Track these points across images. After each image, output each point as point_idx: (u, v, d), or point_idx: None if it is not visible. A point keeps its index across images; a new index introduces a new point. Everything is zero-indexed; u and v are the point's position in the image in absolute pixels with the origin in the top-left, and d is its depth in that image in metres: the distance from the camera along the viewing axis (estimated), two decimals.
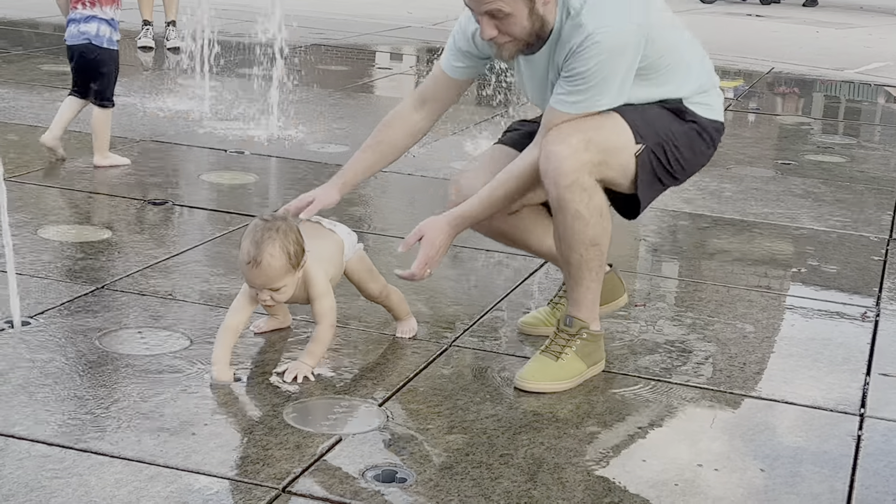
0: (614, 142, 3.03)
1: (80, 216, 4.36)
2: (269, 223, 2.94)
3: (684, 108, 3.15)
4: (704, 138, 3.19)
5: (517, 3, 2.91)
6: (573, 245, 3.03)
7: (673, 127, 3.13)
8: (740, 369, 3.31)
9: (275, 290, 2.95)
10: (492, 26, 2.96)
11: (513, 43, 3.00)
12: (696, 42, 3.24)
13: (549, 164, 2.96)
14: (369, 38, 10.10)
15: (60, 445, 2.58)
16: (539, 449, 2.74)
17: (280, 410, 2.83)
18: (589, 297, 3.11)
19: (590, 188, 2.97)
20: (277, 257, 2.90)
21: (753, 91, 8.79)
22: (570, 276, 3.11)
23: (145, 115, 6.21)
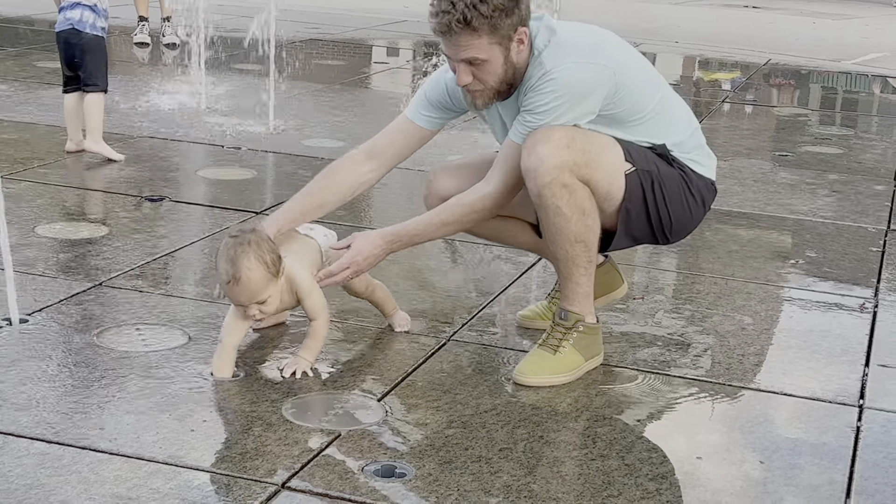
0: (602, 149, 3.02)
1: (77, 213, 4.36)
2: (239, 238, 2.92)
3: (671, 156, 3.14)
4: (692, 191, 3.15)
5: (493, 49, 2.95)
6: (557, 241, 3.03)
7: (661, 165, 3.12)
8: (739, 361, 3.31)
9: (261, 303, 2.94)
10: (468, 73, 2.99)
11: (486, 91, 3.03)
12: (682, 104, 3.24)
13: (530, 161, 2.96)
14: (365, 33, 10.09)
15: (59, 443, 2.57)
16: (538, 443, 2.74)
17: (279, 406, 2.83)
18: (580, 291, 3.11)
19: (570, 185, 2.96)
20: (255, 269, 2.88)
21: (750, 83, 8.79)
22: (559, 271, 3.12)
23: (141, 112, 6.20)
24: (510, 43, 2.97)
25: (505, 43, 2.96)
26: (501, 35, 2.95)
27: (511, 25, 2.95)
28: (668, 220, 3.15)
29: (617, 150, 3.05)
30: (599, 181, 3.01)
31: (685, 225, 3.21)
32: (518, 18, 2.96)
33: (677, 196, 3.13)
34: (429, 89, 3.25)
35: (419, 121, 3.28)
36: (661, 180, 3.10)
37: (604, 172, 3.01)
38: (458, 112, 3.26)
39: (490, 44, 2.95)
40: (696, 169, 3.18)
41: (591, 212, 3.02)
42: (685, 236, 3.29)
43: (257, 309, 2.96)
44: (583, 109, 2.98)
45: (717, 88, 8.58)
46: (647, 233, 3.18)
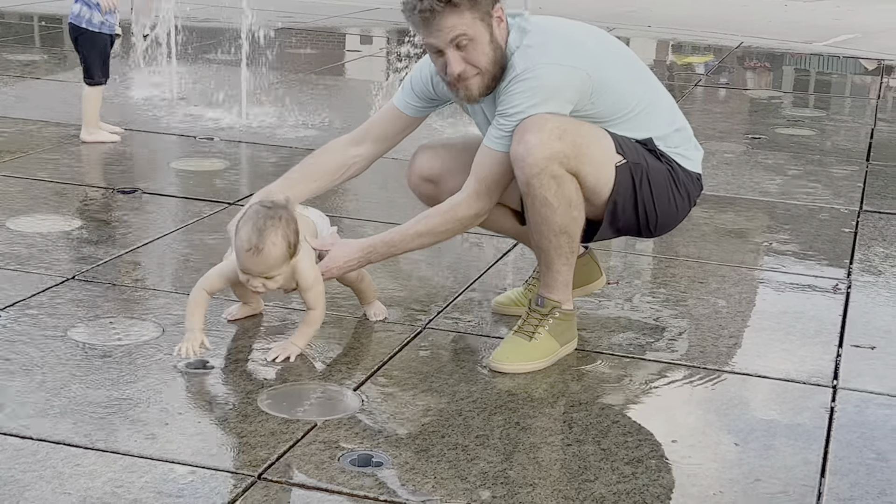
0: (593, 141, 3.01)
1: (50, 207, 4.33)
2: (272, 210, 2.91)
3: (658, 150, 3.13)
4: (678, 186, 3.15)
5: (477, 25, 2.94)
6: (542, 231, 3.03)
7: (649, 159, 3.12)
8: (713, 344, 3.33)
9: (268, 279, 2.94)
10: (459, 59, 2.96)
11: (479, 76, 2.99)
12: (668, 98, 3.23)
13: (520, 150, 2.95)
14: (338, 21, 10.05)
15: (33, 438, 2.56)
16: (514, 429, 2.74)
17: (254, 397, 2.83)
18: (560, 279, 3.11)
19: (559, 176, 2.96)
20: (279, 246, 2.88)
21: (723, 66, 8.81)
22: (541, 260, 3.12)
23: (114, 103, 6.16)
24: (491, 19, 2.96)
25: (487, 19, 2.95)
26: (482, 10, 2.94)
27: (488, 1, 2.95)
28: (655, 215, 3.14)
29: (608, 141, 3.04)
30: (588, 174, 3.01)
31: (670, 220, 3.21)
32: None
33: (664, 190, 3.13)
34: (414, 79, 3.25)
35: (405, 109, 3.28)
36: (650, 174, 3.09)
37: (593, 165, 3.00)
38: (443, 101, 3.25)
39: (473, 19, 2.93)
40: (682, 163, 3.17)
41: (578, 204, 3.01)
42: (668, 231, 3.29)
43: (262, 282, 2.94)
44: (555, 108, 2.96)
45: (690, 72, 8.59)
46: (633, 226, 3.17)
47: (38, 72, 7.13)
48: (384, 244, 3.13)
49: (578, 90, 2.98)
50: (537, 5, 7.52)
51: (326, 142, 3.42)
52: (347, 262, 3.13)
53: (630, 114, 3.08)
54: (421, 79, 3.22)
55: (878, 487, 2.56)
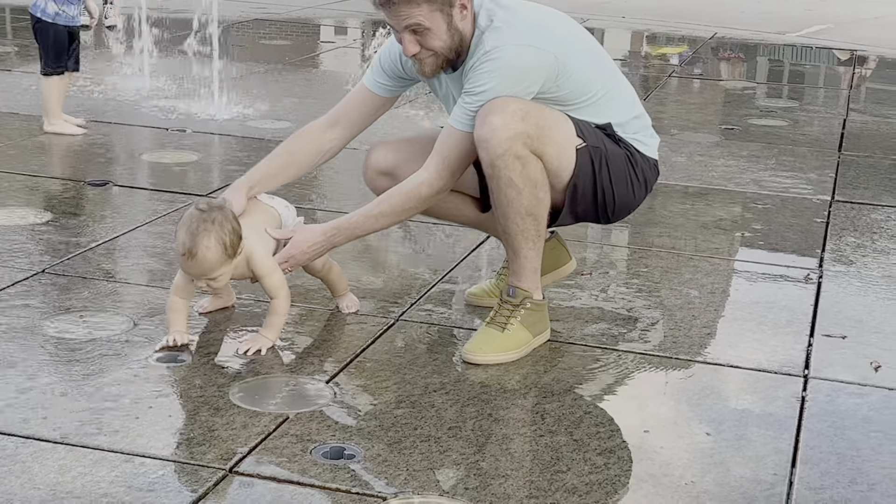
0: (554, 124, 3.02)
1: (19, 199, 4.29)
2: (205, 213, 2.90)
3: (617, 135, 3.15)
4: (636, 171, 3.16)
5: (434, 16, 2.95)
6: (508, 214, 3.03)
7: (608, 143, 3.13)
8: (686, 335, 3.33)
9: (211, 279, 2.94)
10: (413, 42, 2.99)
11: (433, 57, 3.02)
12: (628, 85, 3.24)
13: (483, 131, 2.95)
14: (311, 12, 10.02)
15: (2, 433, 2.54)
16: (487, 421, 2.74)
17: (225, 390, 2.81)
18: (528, 266, 3.11)
19: (523, 157, 2.96)
20: (213, 249, 2.88)
21: (697, 56, 8.83)
22: (509, 245, 3.11)
23: (84, 95, 6.12)
24: (451, 9, 2.97)
25: (446, 10, 2.96)
26: (440, 2, 2.95)
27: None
28: (612, 199, 3.15)
29: (569, 126, 3.06)
30: (551, 155, 3.01)
31: (627, 205, 3.22)
32: None
33: (622, 175, 3.14)
34: (383, 57, 3.24)
35: (375, 89, 3.28)
36: (608, 158, 3.10)
37: (555, 147, 3.02)
38: (413, 80, 3.24)
39: (431, 11, 2.95)
40: (640, 149, 3.18)
41: (543, 185, 3.02)
42: (625, 216, 3.30)
43: (205, 283, 2.95)
44: (520, 90, 2.97)
45: (664, 63, 8.61)
46: (591, 211, 3.18)
47: (7, 63, 7.07)
48: (348, 226, 3.13)
49: (545, 72, 2.99)
50: None
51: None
52: (311, 247, 3.11)
53: (591, 99, 3.10)
54: (390, 57, 3.21)
55: (849, 476, 2.57)
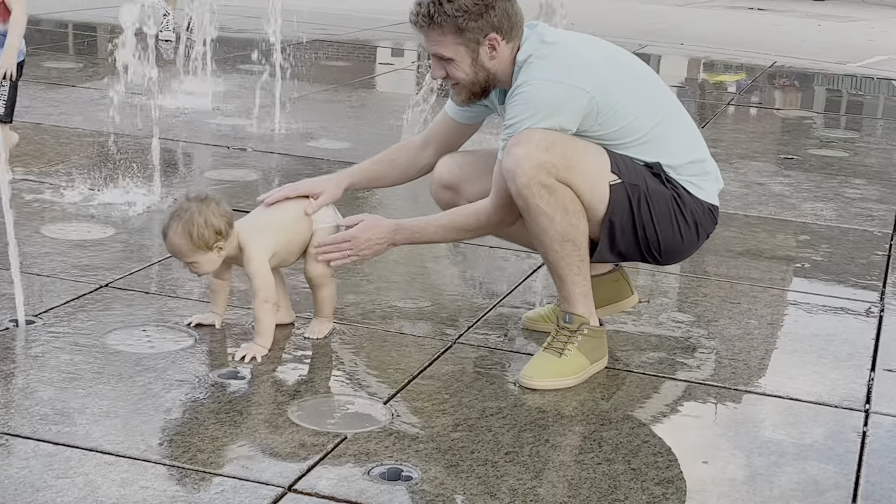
0: (584, 156, 3.00)
1: (84, 214, 4.36)
2: (185, 203, 3.10)
3: (667, 175, 3.10)
4: (684, 213, 3.10)
5: (459, 49, 3.02)
6: (544, 242, 3.03)
7: (651, 182, 3.08)
8: (744, 365, 3.31)
9: (189, 263, 3.10)
10: (440, 67, 3.08)
11: (459, 87, 3.10)
12: (689, 128, 3.20)
13: (508, 163, 2.97)
14: (370, 34, 10.09)
15: (66, 444, 2.58)
16: (544, 447, 2.74)
17: (285, 409, 2.83)
18: (577, 291, 3.09)
19: (549, 185, 2.95)
20: (179, 237, 3.06)
21: (756, 85, 8.79)
22: (554, 273, 3.11)
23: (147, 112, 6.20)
24: (479, 47, 3.01)
25: (472, 46, 3.01)
26: (468, 38, 3.00)
27: (479, 29, 2.99)
28: (656, 239, 3.10)
29: (603, 159, 3.03)
30: (581, 186, 2.99)
31: (675, 247, 3.15)
32: (488, 24, 3.00)
33: (666, 215, 3.08)
34: None
35: (454, 115, 3.35)
36: (650, 197, 3.05)
37: (585, 178, 2.99)
38: (491, 107, 3.27)
39: (455, 44, 3.00)
40: (691, 191, 3.12)
41: (576, 211, 3.00)
42: (680, 259, 3.27)
43: (185, 264, 3.13)
44: (550, 124, 2.96)
45: (721, 91, 8.57)
46: (634, 250, 3.13)
47: (71, 79, 7.19)
48: (409, 228, 3.18)
49: (580, 110, 2.97)
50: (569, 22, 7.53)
51: (357, 154, 3.45)
52: (375, 236, 3.16)
53: (640, 139, 3.07)
54: None
55: None
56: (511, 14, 3.03)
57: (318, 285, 3.28)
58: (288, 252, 3.23)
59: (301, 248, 3.25)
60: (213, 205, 3.11)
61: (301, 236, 3.23)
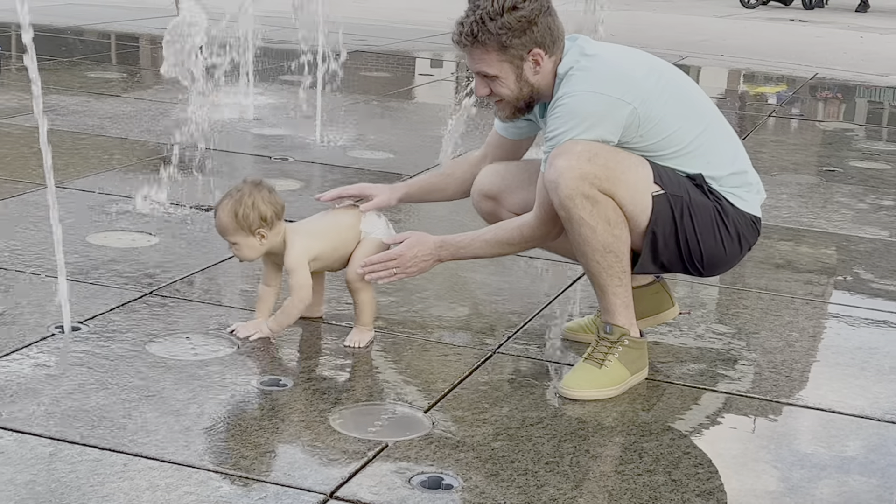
0: (627, 167, 3.00)
1: (128, 222, 4.41)
2: (240, 184, 3.22)
3: (709, 186, 3.10)
4: (727, 224, 3.09)
5: (503, 66, 3.04)
6: (586, 252, 3.03)
7: (693, 193, 3.08)
8: (786, 378, 3.30)
9: (233, 244, 3.21)
10: (484, 85, 3.10)
11: (504, 104, 3.13)
12: (731, 139, 3.19)
13: (551, 174, 2.98)
14: (410, 45, 10.14)
15: (112, 450, 2.61)
16: (585, 457, 2.74)
17: (326, 416, 2.86)
18: (618, 302, 3.10)
19: (592, 196, 2.95)
20: (225, 214, 3.17)
21: (797, 97, 8.74)
22: (595, 284, 3.11)
23: (189, 122, 6.26)
24: (522, 63, 3.02)
25: (516, 62, 3.03)
26: (512, 54, 3.02)
27: (523, 45, 3.01)
28: (699, 251, 3.10)
29: (645, 170, 3.03)
30: (623, 197, 2.99)
31: (718, 258, 3.15)
32: (531, 40, 3.01)
33: (708, 227, 3.08)
34: None
35: (503, 132, 3.39)
36: (692, 208, 3.05)
37: (628, 189, 2.99)
38: (534, 121, 3.28)
39: (500, 61, 3.03)
40: (734, 202, 3.12)
41: (618, 222, 3.00)
42: (723, 271, 3.26)
43: (230, 247, 3.24)
44: (592, 136, 2.97)
45: (762, 102, 8.54)
46: (677, 261, 3.13)
47: (115, 89, 7.28)
48: (454, 244, 3.21)
49: (621, 121, 2.98)
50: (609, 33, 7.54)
51: (398, 164, 3.48)
52: (421, 252, 3.19)
53: (683, 150, 3.07)
54: None
55: None
56: (553, 28, 3.05)
57: (356, 289, 3.31)
58: (333, 258, 3.30)
59: (349, 255, 3.30)
60: (266, 192, 3.20)
61: (348, 244, 3.30)
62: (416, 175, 5.31)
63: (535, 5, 3.02)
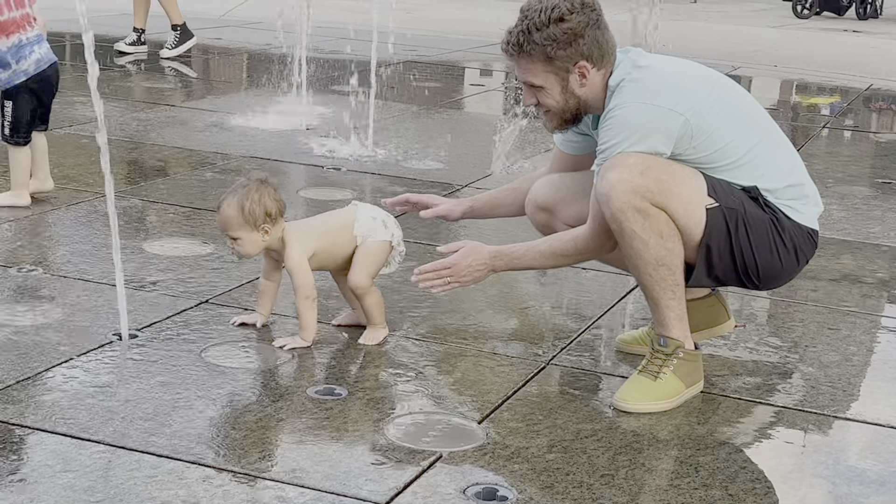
0: (680, 180, 2.98)
1: (183, 231, 4.45)
2: (245, 181, 3.29)
3: (765, 198, 3.07)
4: (783, 237, 3.06)
5: (549, 77, 3.05)
6: (638, 266, 3.02)
7: (749, 206, 3.05)
8: (844, 392, 3.26)
9: (233, 239, 3.26)
10: (531, 94, 3.12)
11: (550, 114, 3.14)
12: (788, 151, 3.16)
13: (602, 187, 2.97)
14: (461, 55, 10.15)
15: (169, 457, 2.63)
16: (640, 470, 2.73)
17: (381, 426, 2.86)
18: (672, 315, 3.08)
19: (644, 210, 2.94)
20: (231, 208, 3.23)
21: (851, 108, 8.65)
22: (648, 297, 3.09)
23: (242, 132, 6.31)
24: (568, 75, 3.03)
25: (562, 73, 3.04)
26: (557, 66, 3.03)
27: (568, 57, 3.02)
28: (754, 264, 3.07)
29: (699, 182, 3.01)
30: (676, 210, 2.97)
31: (774, 272, 3.12)
32: (577, 52, 3.02)
33: (764, 240, 3.05)
34: None
35: (563, 147, 3.40)
36: (747, 221, 3.03)
37: (681, 202, 2.97)
38: (589, 134, 3.28)
39: (545, 72, 3.04)
40: (790, 215, 3.09)
41: (671, 235, 2.98)
42: (779, 285, 3.24)
43: (229, 242, 3.30)
44: (644, 148, 2.96)
45: (815, 113, 8.45)
46: (732, 275, 3.10)
47: (170, 99, 7.35)
48: (509, 255, 3.21)
49: (673, 133, 2.96)
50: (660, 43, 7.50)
51: (450, 174, 3.50)
52: (475, 262, 3.20)
53: (737, 162, 3.05)
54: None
55: None
56: (601, 42, 3.04)
57: (360, 295, 3.37)
58: (328, 257, 3.38)
59: (345, 257, 3.38)
60: (271, 189, 3.28)
61: (340, 245, 3.37)
62: (467, 185, 5.31)
63: (582, 18, 3.01)
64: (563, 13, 3.00)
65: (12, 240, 4.16)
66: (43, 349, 3.19)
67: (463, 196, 5.18)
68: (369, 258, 3.36)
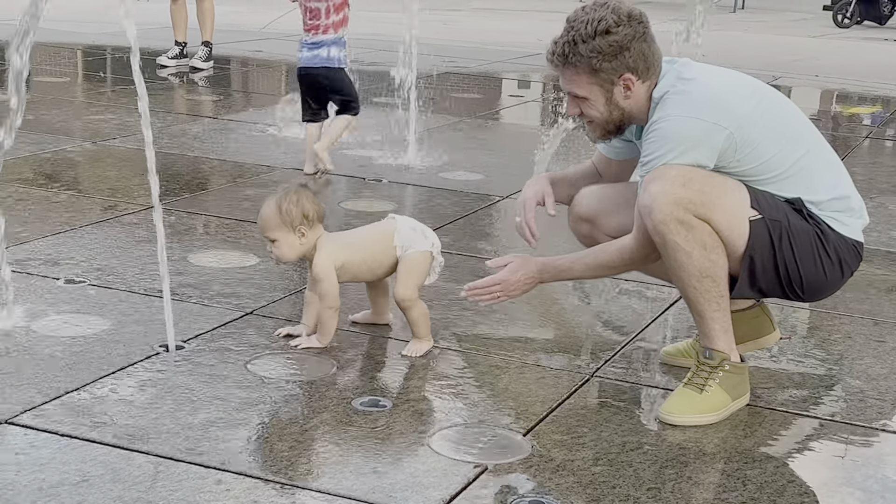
0: (723, 192, 2.97)
1: (228, 242, 4.48)
2: (286, 186, 3.36)
3: (809, 210, 3.05)
4: (827, 249, 3.04)
5: (593, 89, 3.05)
6: (682, 278, 3.00)
7: (792, 217, 3.03)
8: (892, 405, 3.23)
9: (270, 241, 3.32)
10: (574, 105, 3.12)
11: (594, 125, 3.13)
12: (835, 164, 3.14)
13: (644, 199, 2.96)
14: (500, 66, 10.16)
15: (215, 468, 2.65)
16: (687, 484, 2.71)
17: (426, 437, 2.87)
18: (717, 327, 3.06)
19: (686, 222, 2.93)
20: (269, 208, 3.30)
21: (893, 118, 8.57)
22: (693, 309, 3.08)
23: (280, 143, 6.35)
24: (613, 87, 3.02)
25: (607, 86, 3.03)
26: (602, 78, 3.02)
27: (614, 70, 3.01)
28: (798, 276, 3.05)
29: (742, 194, 3.00)
30: (719, 222, 2.96)
31: (819, 284, 3.10)
32: (623, 64, 3.01)
33: (808, 251, 3.03)
34: None
35: (606, 152, 3.41)
36: (791, 233, 3.01)
37: (724, 214, 2.96)
38: (634, 142, 3.27)
39: (590, 83, 3.04)
40: (834, 227, 3.06)
41: (714, 247, 2.97)
42: (824, 297, 3.21)
43: (268, 244, 3.36)
44: (687, 160, 2.95)
45: (856, 123, 8.39)
46: (776, 287, 3.09)
47: (211, 111, 7.41)
48: (555, 267, 3.21)
49: (717, 146, 2.95)
50: (700, 53, 7.47)
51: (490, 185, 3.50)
52: (524, 276, 3.19)
53: (782, 175, 3.03)
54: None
55: None
56: (647, 54, 3.04)
57: (405, 308, 3.39)
58: (362, 269, 3.42)
59: (383, 269, 3.42)
60: (310, 193, 3.36)
61: (377, 256, 3.40)
62: (508, 197, 5.31)
63: (629, 31, 3.01)
64: (609, 26, 2.99)
65: (61, 251, 4.20)
66: (91, 360, 3.22)
67: (502, 207, 5.19)
68: (413, 270, 3.37)
